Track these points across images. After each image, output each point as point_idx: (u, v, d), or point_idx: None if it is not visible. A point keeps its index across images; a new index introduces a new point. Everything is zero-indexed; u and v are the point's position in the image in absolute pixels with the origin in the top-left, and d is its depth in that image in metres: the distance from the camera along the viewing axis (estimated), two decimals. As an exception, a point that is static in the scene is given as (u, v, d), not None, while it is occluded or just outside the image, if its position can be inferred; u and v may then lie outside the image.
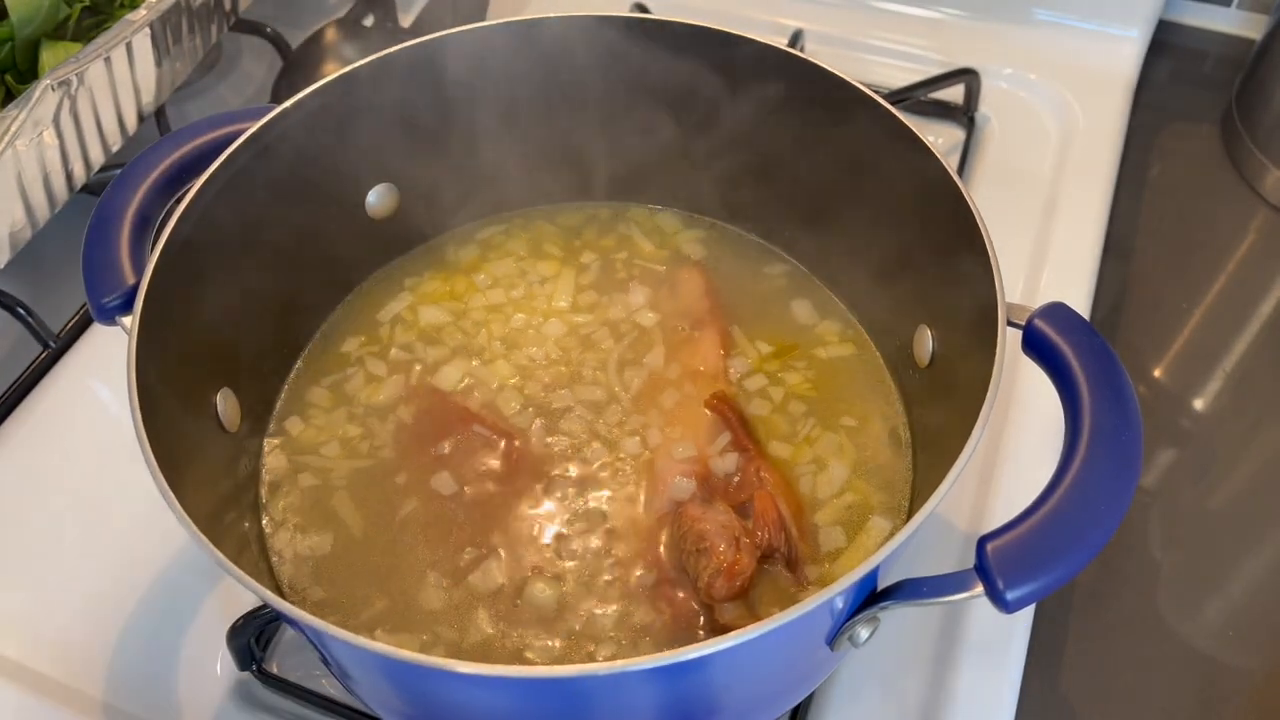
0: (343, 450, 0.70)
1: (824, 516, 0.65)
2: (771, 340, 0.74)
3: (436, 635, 0.61)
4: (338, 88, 0.67)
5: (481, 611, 0.62)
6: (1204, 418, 0.83)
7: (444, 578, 0.63)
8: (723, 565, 0.60)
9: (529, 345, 0.75)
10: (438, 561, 0.64)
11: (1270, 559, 0.75)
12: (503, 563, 0.64)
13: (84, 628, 0.69)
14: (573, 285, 0.78)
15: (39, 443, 0.79)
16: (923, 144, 0.62)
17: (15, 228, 0.76)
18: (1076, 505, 0.47)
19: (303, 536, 0.66)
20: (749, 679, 0.53)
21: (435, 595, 0.63)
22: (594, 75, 0.74)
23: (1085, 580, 0.74)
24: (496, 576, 0.63)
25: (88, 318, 0.85)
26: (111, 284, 0.57)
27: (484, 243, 0.81)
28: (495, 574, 0.63)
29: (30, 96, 0.74)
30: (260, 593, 0.46)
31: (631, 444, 0.69)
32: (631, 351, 0.74)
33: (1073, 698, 0.69)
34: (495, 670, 0.44)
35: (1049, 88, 1.03)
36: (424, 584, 0.63)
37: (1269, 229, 0.96)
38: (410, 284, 0.78)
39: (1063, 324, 0.54)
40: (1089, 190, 0.93)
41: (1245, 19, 1.14)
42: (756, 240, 0.80)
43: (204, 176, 0.61)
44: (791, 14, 1.09)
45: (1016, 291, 0.86)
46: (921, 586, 0.49)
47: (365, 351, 0.75)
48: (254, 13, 1.03)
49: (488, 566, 0.63)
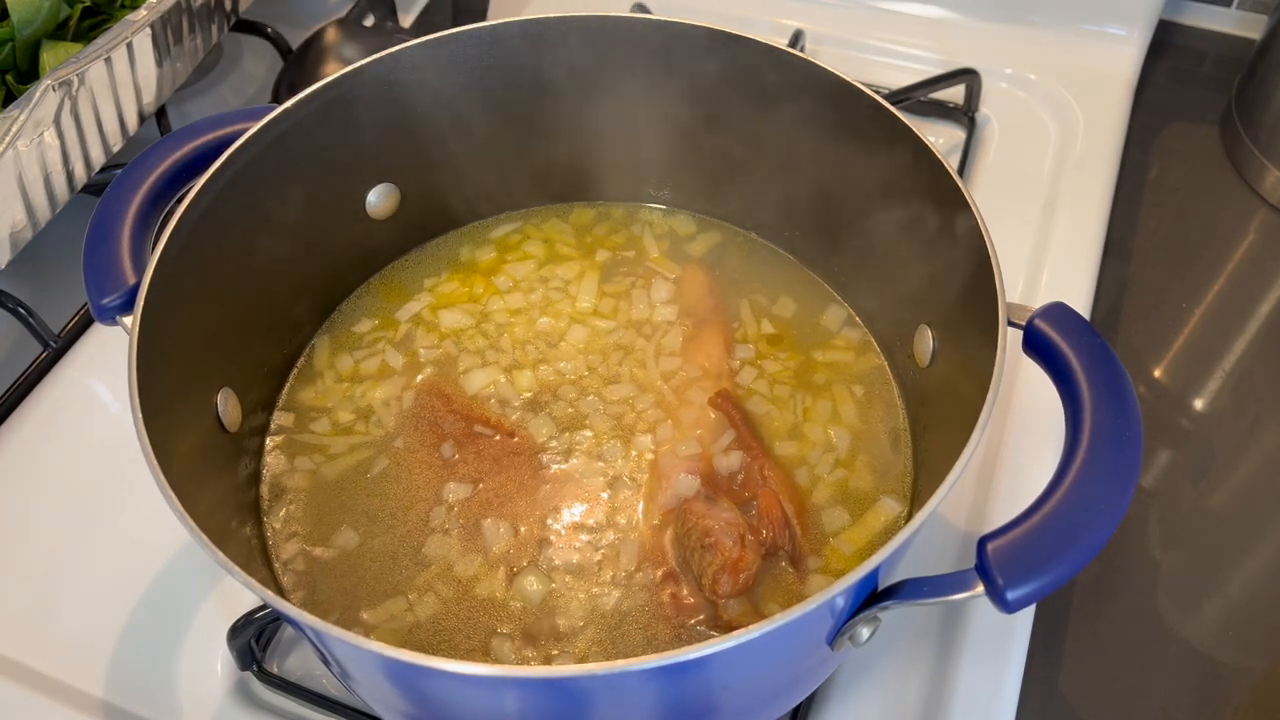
0: (344, 450, 0.70)
1: (824, 516, 0.66)
2: (774, 340, 0.74)
3: (439, 634, 0.61)
4: (338, 88, 0.67)
5: (483, 609, 0.62)
6: (1204, 418, 0.83)
7: (445, 577, 0.63)
8: (727, 562, 0.60)
9: (529, 344, 0.75)
10: (438, 561, 0.64)
11: (1270, 559, 0.75)
12: (505, 561, 0.64)
13: (84, 628, 0.69)
14: (580, 285, 0.78)
15: (39, 443, 0.79)
16: (923, 144, 0.62)
17: (16, 228, 0.76)
18: (1077, 505, 0.47)
19: (303, 536, 0.66)
20: (750, 678, 0.53)
21: (437, 594, 0.63)
22: (594, 75, 0.74)
23: (1085, 580, 0.74)
24: (499, 574, 0.63)
25: (88, 318, 0.85)
26: (112, 284, 0.57)
27: (483, 242, 0.81)
28: (498, 572, 0.63)
29: (31, 97, 0.74)
30: (261, 593, 0.46)
31: (635, 441, 0.69)
32: (632, 350, 0.74)
33: (1073, 697, 0.69)
34: (495, 670, 0.44)
35: (1049, 88, 1.03)
36: (425, 583, 0.63)
37: (1269, 229, 0.96)
38: (411, 284, 0.79)
39: (1063, 324, 0.54)
40: (1089, 190, 0.93)
41: (1245, 19, 1.14)
42: (758, 240, 0.81)
43: (205, 176, 0.61)
44: (791, 14, 1.09)
45: (1016, 291, 0.86)
46: (922, 586, 0.49)
47: (368, 352, 0.75)
48: (254, 13, 1.03)
49: (489, 564, 0.63)
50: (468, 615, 0.62)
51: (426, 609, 0.62)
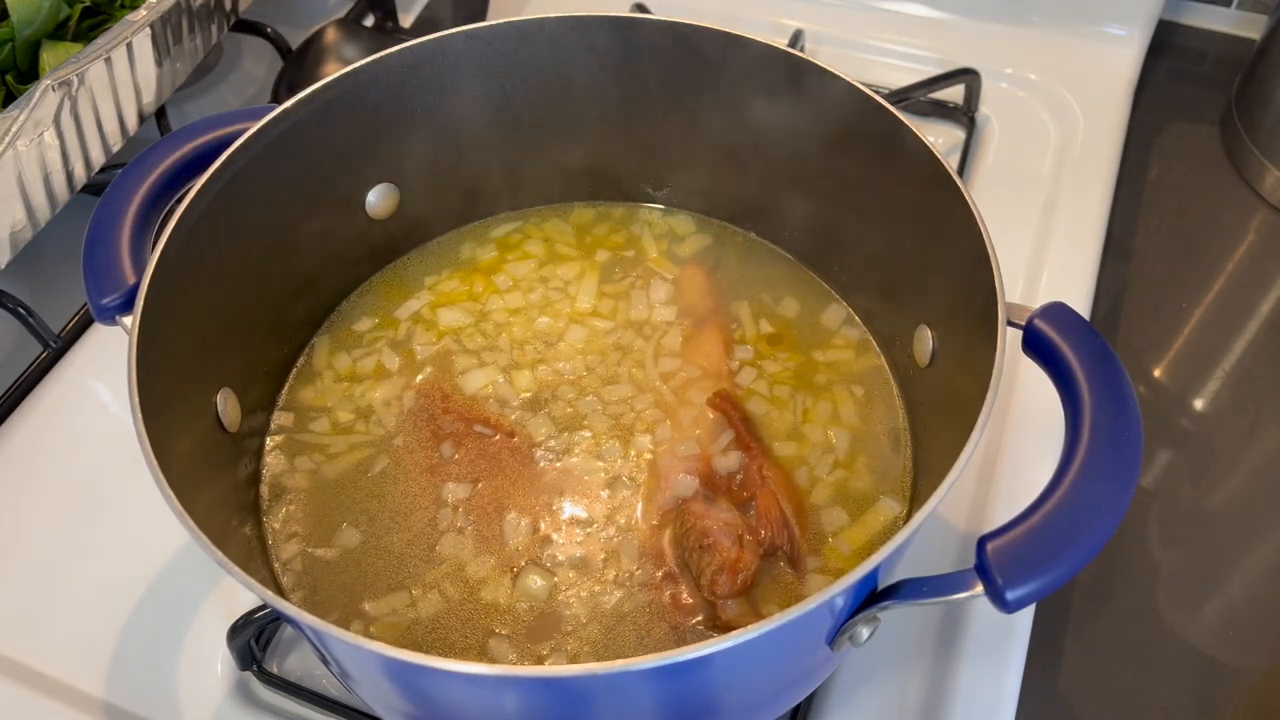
0: (344, 450, 0.70)
1: (823, 516, 0.65)
2: (773, 340, 0.74)
3: (438, 633, 0.61)
4: (338, 88, 0.67)
5: (482, 609, 0.62)
6: (1204, 418, 0.83)
7: (446, 576, 0.63)
8: (726, 562, 0.60)
9: (528, 344, 0.75)
10: (439, 560, 0.64)
11: (1270, 559, 0.75)
12: (504, 560, 0.64)
13: (84, 628, 0.70)
14: (580, 285, 0.78)
15: (39, 443, 0.79)
16: (923, 144, 0.62)
17: (16, 228, 0.76)
18: (1077, 505, 0.47)
19: (303, 536, 0.66)
20: (749, 679, 0.53)
21: (437, 594, 0.63)
22: (594, 75, 0.74)
23: (1085, 580, 0.74)
24: (498, 574, 0.63)
25: (88, 318, 0.85)
26: (112, 284, 0.57)
27: (484, 240, 0.81)
28: (497, 572, 0.63)
29: (31, 97, 0.74)
30: (260, 593, 0.46)
31: (633, 441, 0.69)
32: (630, 351, 0.74)
33: (1073, 697, 0.69)
34: (495, 670, 0.44)
35: (1049, 88, 1.03)
36: (426, 583, 0.63)
37: (1269, 229, 0.96)
38: (411, 282, 0.79)
39: (1063, 324, 0.54)
40: (1089, 190, 0.93)
41: (1245, 19, 1.14)
42: (757, 239, 0.81)
43: (204, 176, 0.61)
44: (791, 14, 1.09)
45: (1016, 291, 0.86)
46: (922, 586, 0.49)
47: (367, 350, 0.75)
48: (254, 13, 1.03)
49: (485, 564, 0.63)
50: (468, 615, 0.62)
51: (429, 606, 0.62)
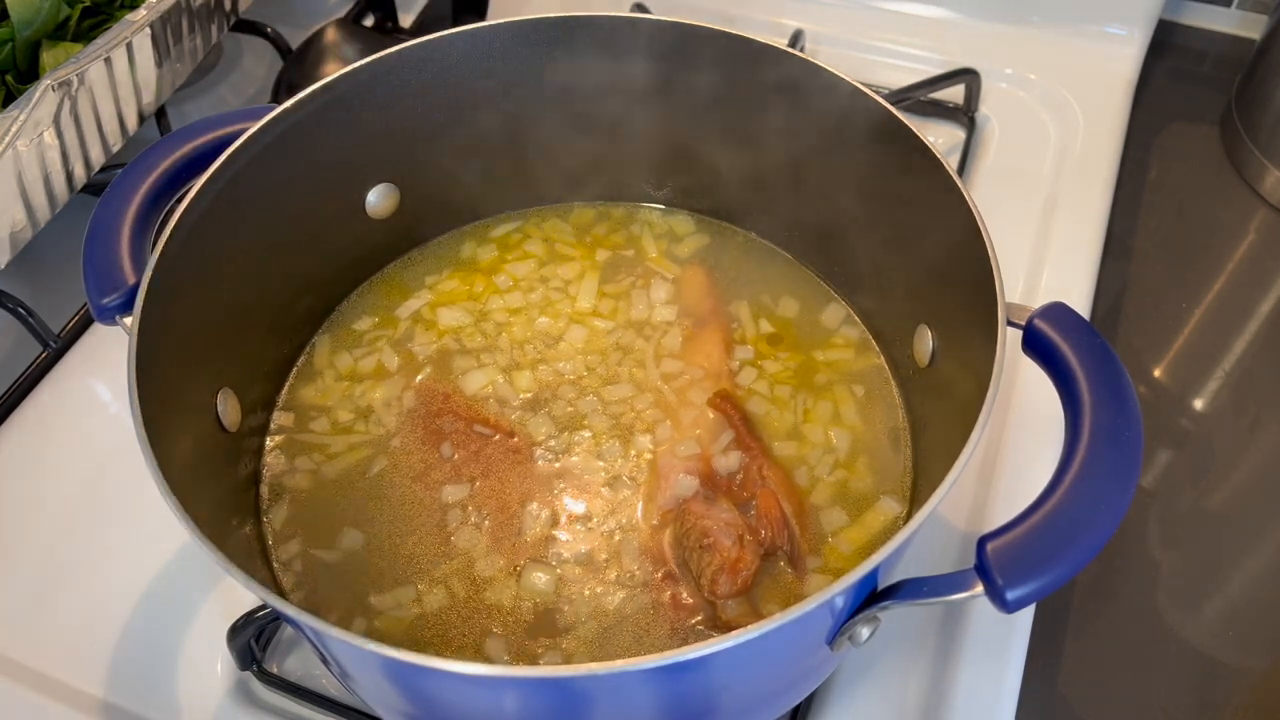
0: (344, 449, 0.70)
1: (823, 516, 0.65)
2: (773, 340, 0.74)
3: (439, 632, 0.61)
4: (338, 88, 0.67)
5: (483, 607, 0.62)
6: (1204, 418, 0.83)
7: (446, 576, 0.63)
8: (726, 562, 0.60)
9: (528, 344, 0.75)
10: (440, 560, 0.64)
11: (1270, 559, 0.75)
12: (504, 559, 0.64)
13: (84, 628, 0.69)
14: (580, 285, 0.78)
15: (39, 443, 0.79)
16: (923, 144, 0.62)
17: (16, 228, 0.76)
18: (1076, 505, 0.47)
19: (303, 537, 0.66)
20: (749, 679, 0.53)
21: (437, 593, 0.63)
22: (594, 75, 0.74)
23: (1085, 580, 0.74)
24: (498, 573, 0.63)
25: (88, 318, 0.85)
26: (112, 284, 0.57)
27: (485, 240, 0.81)
28: (495, 571, 0.63)
29: (31, 97, 0.74)
30: (260, 593, 0.46)
31: (634, 441, 0.69)
32: (631, 351, 0.74)
33: (1073, 697, 0.69)
34: (495, 670, 0.44)
35: (1049, 88, 1.03)
36: (426, 582, 0.63)
37: (1269, 229, 0.96)
38: (411, 281, 0.79)
39: (1063, 324, 0.54)
40: (1089, 190, 0.93)
41: (1245, 19, 1.14)
42: (757, 239, 0.81)
43: (204, 176, 0.61)
44: (791, 14, 1.09)
45: (1016, 291, 0.86)
46: (922, 586, 0.49)
47: (367, 350, 0.75)
48: (254, 13, 1.03)
49: (482, 564, 0.63)
50: (468, 614, 0.62)
51: (435, 601, 0.62)
